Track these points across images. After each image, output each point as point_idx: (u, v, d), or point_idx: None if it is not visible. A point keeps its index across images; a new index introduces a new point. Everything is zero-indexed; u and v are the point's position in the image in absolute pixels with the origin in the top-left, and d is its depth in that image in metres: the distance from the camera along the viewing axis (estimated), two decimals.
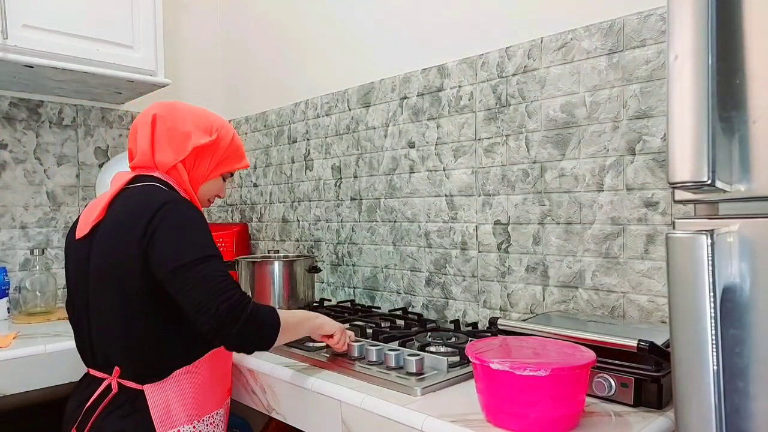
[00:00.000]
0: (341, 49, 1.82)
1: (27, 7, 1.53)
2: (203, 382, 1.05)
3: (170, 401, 1.00)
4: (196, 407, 1.04)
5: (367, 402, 0.94)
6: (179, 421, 1.01)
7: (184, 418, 1.01)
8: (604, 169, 1.19)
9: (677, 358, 0.59)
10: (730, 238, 0.60)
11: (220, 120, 1.15)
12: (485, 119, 1.41)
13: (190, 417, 1.02)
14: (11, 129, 1.83)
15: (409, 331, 1.29)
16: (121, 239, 0.99)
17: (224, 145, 1.14)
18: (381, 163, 1.68)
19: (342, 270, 1.83)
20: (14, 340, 1.40)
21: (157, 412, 0.99)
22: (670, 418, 0.84)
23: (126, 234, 0.98)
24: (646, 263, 1.14)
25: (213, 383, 1.07)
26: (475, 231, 1.44)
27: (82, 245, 1.05)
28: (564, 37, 1.25)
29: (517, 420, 0.79)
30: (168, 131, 1.08)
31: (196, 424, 1.03)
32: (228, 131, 1.15)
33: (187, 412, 1.02)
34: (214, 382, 1.08)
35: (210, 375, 1.07)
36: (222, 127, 1.14)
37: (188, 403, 1.02)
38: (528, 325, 1.02)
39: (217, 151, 1.13)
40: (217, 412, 1.09)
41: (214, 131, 1.12)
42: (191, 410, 1.03)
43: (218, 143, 1.12)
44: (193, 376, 1.04)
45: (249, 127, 2.24)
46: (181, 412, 1.01)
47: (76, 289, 1.08)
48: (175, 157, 1.08)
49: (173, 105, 1.12)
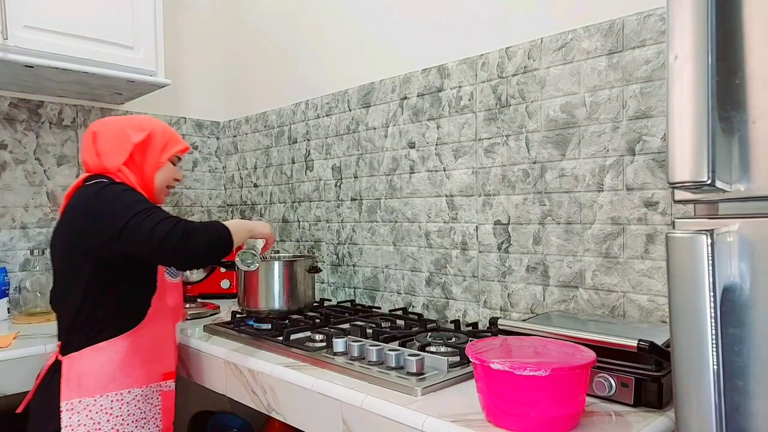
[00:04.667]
0: (341, 49, 1.82)
1: (27, 7, 1.53)
2: (116, 359, 1.16)
3: (80, 373, 1.13)
4: (102, 383, 1.14)
5: (367, 402, 0.94)
6: (83, 393, 1.13)
7: (88, 391, 1.13)
8: (604, 169, 1.20)
9: (677, 358, 0.59)
10: (730, 237, 0.60)
11: (148, 118, 1.33)
12: (485, 119, 1.41)
13: (93, 390, 1.14)
14: (11, 129, 1.83)
15: (410, 331, 1.29)
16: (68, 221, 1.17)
17: (159, 134, 1.29)
18: (381, 164, 1.69)
19: (342, 270, 1.83)
20: (14, 340, 1.40)
21: (66, 382, 1.13)
22: (670, 417, 0.84)
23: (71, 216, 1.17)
24: (646, 263, 1.14)
25: (128, 363, 1.18)
26: (475, 231, 1.44)
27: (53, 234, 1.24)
28: (564, 38, 1.25)
29: (518, 420, 0.79)
30: (108, 140, 1.24)
31: (98, 398, 1.14)
32: (159, 123, 1.32)
33: (93, 385, 1.14)
34: (129, 362, 1.18)
35: (126, 354, 1.17)
36: (153, 122, 1.31)
37: (95, 378, 1.14)
38: (528, 325, 1.02)
39: (156, 141, 1.28)
40: (130, 391, 1.18)
41: (147, 127, 1.28)
42: (97, 384, 1.14)
43: (152, 135, 1.28)
44: (106, 352, 1.16)
45: (249, 127, 2.24)
46: (87, 384, 1.13)
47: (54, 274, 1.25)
48: (119, 158, 1.23)
49: (106, 119, 1.30)
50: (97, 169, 1.24)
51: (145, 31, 1.77)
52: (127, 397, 1.17)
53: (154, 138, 1.28)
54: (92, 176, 1.23)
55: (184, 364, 1.43)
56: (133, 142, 1.24)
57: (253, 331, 1.40)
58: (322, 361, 1.13)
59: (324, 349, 1.20)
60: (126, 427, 1.16)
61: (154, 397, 1.22)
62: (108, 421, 1.14)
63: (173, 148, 1.31)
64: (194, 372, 1.39)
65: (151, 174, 1.28)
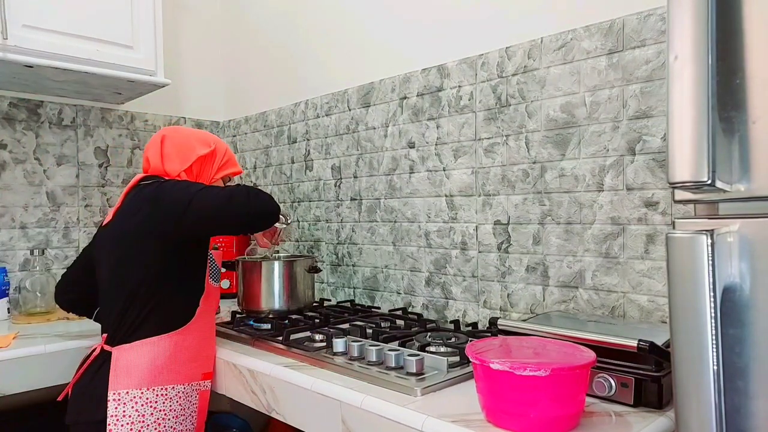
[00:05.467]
0: (341, 49, 1.82)
1: (27, 7, 1.53)
2: (163, 355, 1.19)
3: (129, 365, 1.16)
4: (150, 376, 1.17)
5: (367, 402, 0.94)
6: (130, 384, 1.15)
7: (135, 383, 1.16)
8: (604, 169, 1.20)
9: (677, 358, 0.59)
10: (730, 238, 0.60)
11: (215, 136, 1.42)
12: (485, 119, 1.41)
13: (141, 383, 1.16)
14: (11, 129, 1.83)
15: (409, 331, 1.29)
16: (129, 215, 1.22)
17: (221, 154, 1.39)
18: (381, 164, 1.68)
19: (342, 270, 1.83)
20: (14, 340, 1.40)
21: (115, 372, 1.15)
22: (670, 418, 0.84)
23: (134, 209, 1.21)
24: (646, 263, 1.14)
25: (174, 360, 1.20)
26: (475, 231, 1.44)
27: (106, 229, 1.28)
28: (564, 37, 1.25)
29: (518, 420, 0.79)
30: (175, 146, 1.31)
31: (145, 391, 1.16)
32: (223, 143, 1.41)
33: (141, 378, 1.16)
34: (176, 359, 1.21)
35: (173, 351, 1.20)
36: (218, 141, 1.40)
37: (143, 371, 1.16)
38: (528, 325, 1.02)
39: (216, 159, 1.37)
40: (174, 387, 1.20)
41: (212, 143, 1.37)
42: (145, 377, 1.16)
43: (216, 152, 1.37)
44: (156, 347, 1.18)
45: (249, 127, 2.24)
46: (136, 377, 1.16)
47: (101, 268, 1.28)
48: (181, 166, 1.30)
49: (177, 127, 1.39)
50: (156, 170, 1.30)
51: (144, 31, 1.77)
52: (171, 392, 1.19)
53: (216, 155, 1.37)
54: (148, 177, 1.29)
55: None
56: (198, 154, 1.32)
57: (252, 331, 1.40)
58: (321, 361, 1.13)
59: (324, 349, 1.20)
60: (167, 422, 1.18)
61: (193, 395, 1.24)
62: (152, 415, 1.16)
63: (228, 169, 1.40)
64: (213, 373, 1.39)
65: None
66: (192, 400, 1.24)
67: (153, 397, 1.17)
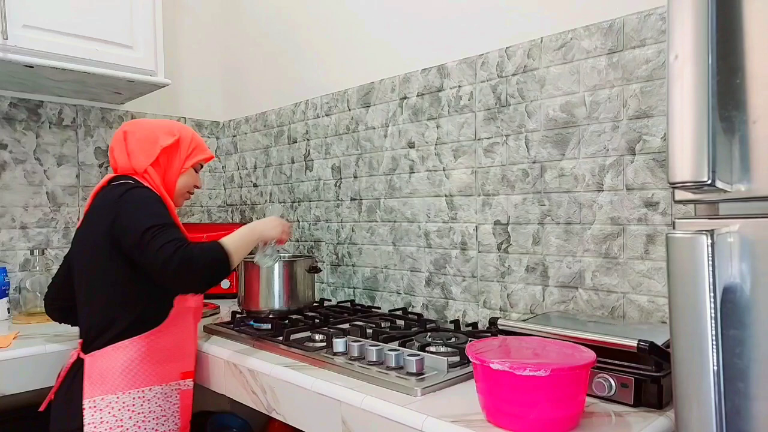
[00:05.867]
0: (341, 49, 1.82)
1: (27, 7, 1.53)
2: (137, 358, 1.18)
3: (103, 371, 1.15)
4: (125, 380, 1.16)
5: (367, 402, 0.94)
6: (105, 390, 1.14)
7: (111, 388, 1.15)
8: (604, 169, 1.19)
9: (677, 359, 0.59)
10: (730, 238, 0.60)
11: (179, 123, 1.37)
12: (485, 119, 1.41)
13: (117, 388, 1.15)
14: (11, 129, 1.83)
15: (409, 332, 1.28)
16: (96, 222, 1.20)
17: (187, 142, 1.34)
18: (381, 164, 1.68)
19: (342, 270, 1.83)
20: (14, 340, 1.40)
21: (88, 380, 1.14)
22: (670, 418, 0.84)
23: (99, 216, 1.19)
24: (646, 263, 1.14)
25: (149, 361, 1.19)
26: (474, 231, 1.44)
27: (77, 233, 1.27)
28: (564, 37, 1.25)
29: (518, 420, 0.79)
30: (138, 141, 1.28)
31: (121, 395, 1.15)
32: (188, 130, 1.36)
33: (116, 382, 1.15)
34: (151, 360, 1.19)
35: (147, 353, 1.19)
36: (183, 128, 1.35)
37: (117, 375, 1.15)
38: (528, 325, 1.02)
39: (182, 148, 1.33)
40: (151, 389, 1.19)
41: (176, 133, 1.32)
42: (120, 381, 1.15)
43: (181, 141, 1.33)
44: (128, 350, 1.17)
45: (249, 127, 2.24)
46: (110, 382, 1.15)
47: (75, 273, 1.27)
48: (147, 160, 1.27)
49: (138, 120, 1.34)
50: (124, 169, 1.27)
51: (144, 31, 1.76)
52: (148, 394, 1.19)
53: (182, 144, 1.32)
54: (118, 177, 1.26)
55: None
56: (162, 146, 1.28)
57: (253, 331, 1.40)
58: (321, 361, 1.13)
59: (324, 349, 1.20)
60: (147, 424, 1.18)
61: (173, 395, 1.23)
62: (130, 418, 1.15)
63: (198, 156, 1.36)
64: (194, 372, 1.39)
65: (174, 178, 1.32)
66: (172, 401, 1.23)
67: (130, 401, 1.16)
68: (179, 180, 1.34)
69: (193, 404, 1.29)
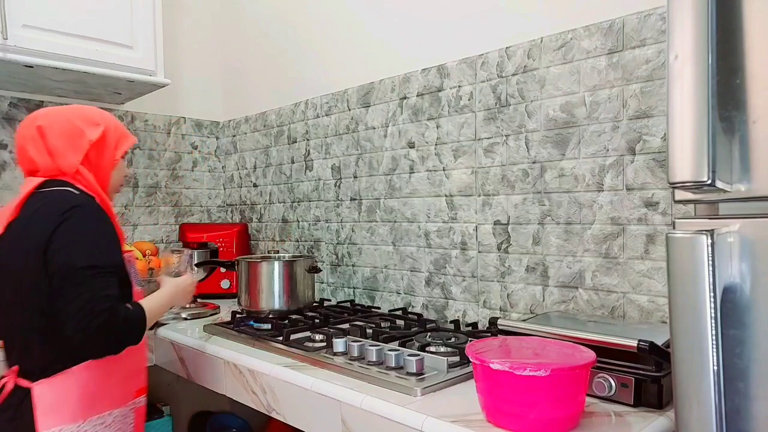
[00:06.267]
0: (341, 49, 1.82)
1: (27, 7, 1.53)
2: (94, 382, 1.06)
3: (58, 400, 1.03)
4: (84, 407, 1.05)
5: (367, 402, 0.94)
6: (64, 419, 1.02)
7: (69, 417, 1.03)
8: (604, 169, 1.19)
9: (677, 359, 0.59)
10: (730, 238, 0.60)
11: (95, 109, 1.20)
12: (485, 119, 1.41)
13: (75, 416, 1.04)
14: (11, 129, 1.83)
15: (409, 332, 1.28)
16: (30, 237, 1.03)
17: (113, 131, 1.19)
18: (381, 163, 1.68)
19: (342, 270, 1.83)
20: None
21: (41, 411, 1.01)
22: (670, 418, 0.84)
23: (35, 232, 1.03)
24: (646, 263, 1.14)
25: (106, 384, 1.09)
26: (474, 231, 1.44)
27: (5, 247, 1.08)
28: (564, 37, 1.25)
29: (517, 420, 0.79)
30: (60, 137, 1.11)
31: (81, 424, 1.04)
32: (110, 117, 1.21)
33: (72, 411, 1.03)
34: (108, 382, 1.09)
35: (103, 375, 1.08)
36: (103, 115, 1.20)
37: (75, 403, 1.04)
38: (528, 325, 1.02)
39: (110, 138, 1.18)
40: (111, 413, 1.10)
41: (100, 121, 1.17)
42: (78, 409, 1.04)
43: (108, 131, 1.17)
44: (83, 375, 1.05)
45: (249, 127, 2.24)
46: (68, 411, 1.03)
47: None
48: (76, 159, 1.11)
49: (48, 110, 1.15)
50: (48, 171, 1.11)
51: (144, 31, 1.77)
52: (108, 419, 1.09)
53: (109, 134, 1.17)
54: (49, 182, 1.11)
55: (184, 364, 1.42)
56: (90, 140, 1.13)
57: (252, 331, 1.40)
58: (321, 361, 1.13)
59: (324, 349, 1.20)
60: None
61: (129, 416, 1.15)
62: None
63: (125, 144, 1.22)
64: (194, 372, 1.39)
65: (107, 174, 1.18)
66: (128, 421, 1.15)
67: (90, 429, 1.06)
68: (113, 175, 1.20)
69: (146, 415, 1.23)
